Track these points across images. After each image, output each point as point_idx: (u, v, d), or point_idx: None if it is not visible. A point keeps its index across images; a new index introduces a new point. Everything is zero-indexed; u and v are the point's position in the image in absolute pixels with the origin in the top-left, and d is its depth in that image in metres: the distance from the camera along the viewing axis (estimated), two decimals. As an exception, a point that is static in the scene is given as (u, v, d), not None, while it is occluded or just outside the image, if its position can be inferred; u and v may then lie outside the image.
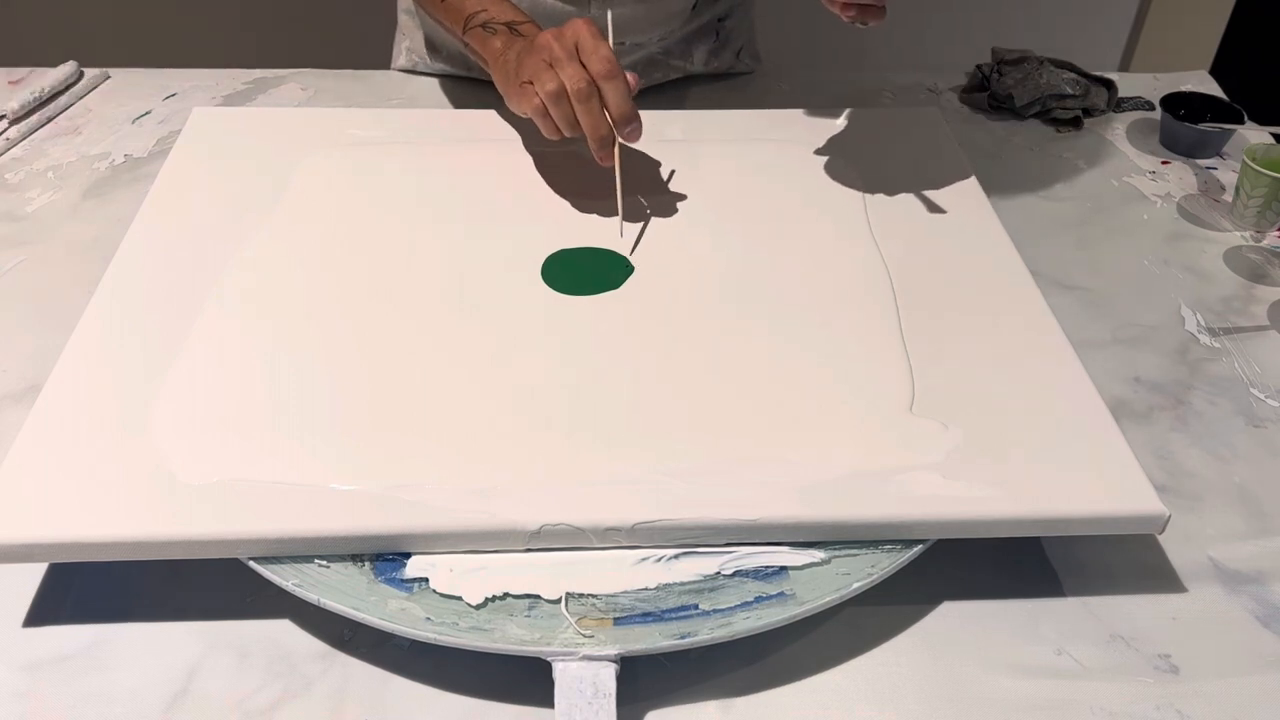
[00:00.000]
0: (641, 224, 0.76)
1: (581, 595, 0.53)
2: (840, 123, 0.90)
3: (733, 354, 0.65)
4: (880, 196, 0.80)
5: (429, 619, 0.52)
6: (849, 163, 0.84)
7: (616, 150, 0.73)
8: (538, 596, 0.53)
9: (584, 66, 0.71)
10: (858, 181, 0.82)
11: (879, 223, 0.77)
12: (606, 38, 0.73)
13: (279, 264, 0.72)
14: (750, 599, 0.53)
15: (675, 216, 0.78)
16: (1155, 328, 0.78)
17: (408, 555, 0.55)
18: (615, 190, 0.75)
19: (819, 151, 0.85)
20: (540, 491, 0.56)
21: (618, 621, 0.52)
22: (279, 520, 0.54)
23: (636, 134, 0.73)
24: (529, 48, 0.75)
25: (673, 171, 0.83)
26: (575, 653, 0.51)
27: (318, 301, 0.68)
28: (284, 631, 0.56)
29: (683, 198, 0.80)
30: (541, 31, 0.75)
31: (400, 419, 0.60)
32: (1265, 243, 0.87)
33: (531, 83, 0.73)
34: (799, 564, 0.55)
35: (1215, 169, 0.95)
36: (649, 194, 0.80)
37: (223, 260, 0.71)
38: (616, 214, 0.76)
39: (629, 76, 0.72)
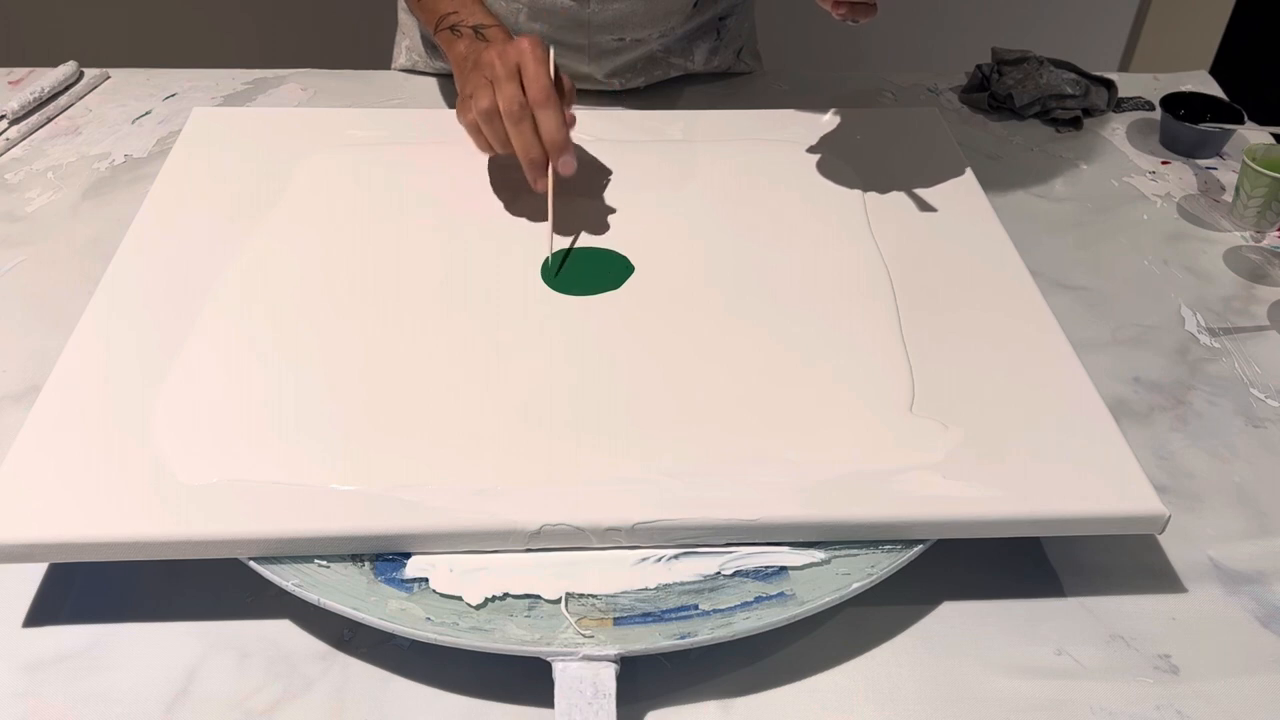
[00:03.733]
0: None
1: (581, 595, 0.53)
2: (840, 122, 0.90)
3: (732, 354, 0.65)
4: (880, 196, 0.80)
5: (429, 619, 0.52)
6: (848, 163, 0.84)
7: (550, 175, 0.73)
8: (538, 596, 0.53)
9: (522, 88, 0.71)
10: (857, 181, 0.82)
11: (879, 223, 0.77)
12: (549, 63, 0.73)
13: (279, 264, 0.72)
14: (750, 599, 0.53)
15: (675, 216, 0.78)
16: (1155, 328, 0.78)
17: (408, 555, 0.55)
18: (547, 213, 0.74)
19: (818, 151, 0.85)
20: (540, 491, 0.56)
21: (618, 621, 0.52)
22: (279, 520, 0.54)
23: (570, 166, 0.72)
24: (476, 62, 0.75)
25: (672, 171, 0.83)
26: (575, 653, 0.51)
27: (318, 301, 0.68)
28: (284, 631, 0.56)
29: (682, 198, 0.80)
30: (488, 47, 0.75)
31: (400, 419, 0.60)
32: (1265, 243, 0.87)
33: (472, 96, 0.73)
34: (799, 564, 0.55)
35: (1215, 169, 0.95)
36: (649, 193, 0.80)
37: (222, 260, 0.71)
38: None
39: (567, 113, 0.72)
